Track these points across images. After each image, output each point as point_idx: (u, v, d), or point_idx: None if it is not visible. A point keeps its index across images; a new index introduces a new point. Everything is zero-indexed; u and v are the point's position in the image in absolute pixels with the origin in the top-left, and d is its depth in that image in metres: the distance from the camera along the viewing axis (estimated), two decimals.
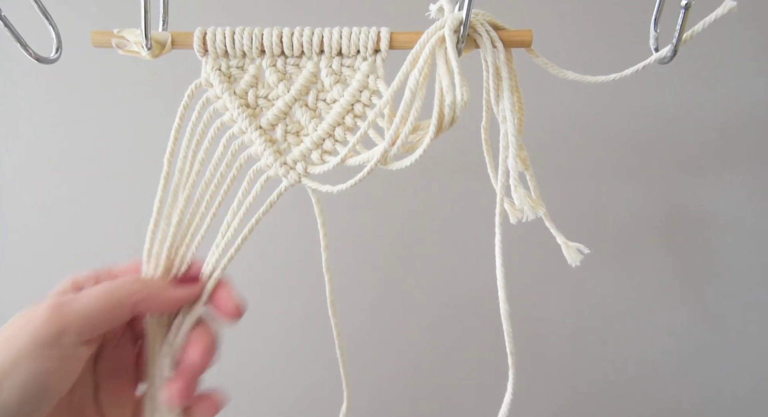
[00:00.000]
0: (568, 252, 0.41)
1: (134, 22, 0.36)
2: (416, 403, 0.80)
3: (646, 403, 0.80)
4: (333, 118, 0.38)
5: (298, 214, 0.60)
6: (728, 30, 0.71)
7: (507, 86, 0.37)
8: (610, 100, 0.72)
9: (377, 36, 0.36)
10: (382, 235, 0.76)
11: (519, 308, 0.43)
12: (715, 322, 0.78)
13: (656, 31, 0.36)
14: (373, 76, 0.37)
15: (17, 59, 0.68)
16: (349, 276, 0.76)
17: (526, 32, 0.37)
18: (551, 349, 0.79)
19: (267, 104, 0.38)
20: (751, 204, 0.75)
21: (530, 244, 0.73)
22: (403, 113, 0.35)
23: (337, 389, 0.49)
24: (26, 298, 0.75)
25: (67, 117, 0.71)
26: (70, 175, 0.72)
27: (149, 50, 0.36)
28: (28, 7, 0.35)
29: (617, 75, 0.37)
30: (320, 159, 0.38)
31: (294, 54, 0.37)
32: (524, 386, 0.40)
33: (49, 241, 0.74)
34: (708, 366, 0.79)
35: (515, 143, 0.38)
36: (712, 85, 0.72)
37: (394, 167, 0.37)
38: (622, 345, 0.79)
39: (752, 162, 0.74)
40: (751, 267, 0.76)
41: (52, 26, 0.37)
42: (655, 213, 0.75)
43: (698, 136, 0.73)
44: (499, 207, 0.38)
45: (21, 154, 0.72)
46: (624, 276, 0.77)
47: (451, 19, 0.35)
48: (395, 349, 0.78)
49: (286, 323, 0.77)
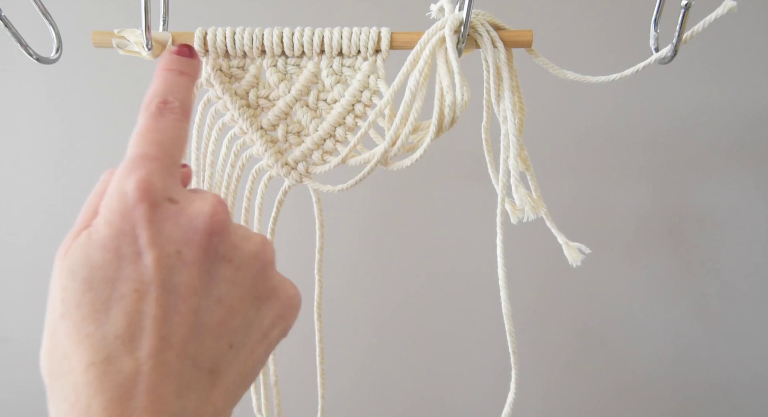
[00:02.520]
0: (569, 252, 0.41)
1: (135, 22, 0.36)
2: (417, 404, 0.80)
3: (646, 403, 0.80)
4: (334, 118, 0.38)
5: (296, 213, 0.60)
6: (734, 30, 0.71)
7: (508, 86, 0.37)
8: (613, 100, 0.72)
9: (378, 36, 0.36)
10: (382, 235, 0.76)
11: (519, 308, 0.43)
12: (715, 322, 0.78)
13: (656, 31, 0.36)
14: (374, 76, 0.37)
15: (17, 59, 0.68)
16: (348, 277, 0.76)
17: (527, 32, 0.37)
18: (551, 349, 0.79)
19: (268, 104, 0.38)
20: (755, 204, 0.75)
21: (531, 244, 0.73)
22: (403, 114, 0.35)
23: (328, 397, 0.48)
24: (26, 298, 0.76)
25: (67, 117, 0.71)
26: (71, 174, 0.72)
27: (150, 50, 0.36)
28: (28, 7, 0.35)
29: (618, 75, 0.37)
30: (321, 159, 0.38)
31: (294, 54, 0.37)
32: (524, 386, 0.40)
33: (50, 241, 0.74)
34: (708, 366, 0.79)
35: (516, 143, 0.38)
36: (719, 85, 0.72)
37: (395, 167, 0.37)
38: (622, 345, 0.79)
39: (755, 162, 0.74)
40: (754, 267, 0.76)
41: (52, 26, 0.37)
42: (655, 213, 0.75)
43: (702, 136, 0.74)
44: (500, 207, 0.38)
45: (21, 154, 0.72)
46: (624, 276, 0.77)
47: (452, 20, 0.35)
48: (396, 349, 0.78)
49: None
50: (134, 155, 0.27)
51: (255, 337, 0.27)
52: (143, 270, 0.24)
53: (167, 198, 0.26)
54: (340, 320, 0.74)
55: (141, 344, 0.23)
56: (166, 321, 0.24)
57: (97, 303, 0.24)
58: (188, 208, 0.26)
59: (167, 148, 0.28)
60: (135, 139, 0.28)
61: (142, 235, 0.25)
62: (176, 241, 0.25)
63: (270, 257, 0.28)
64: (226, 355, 0.26)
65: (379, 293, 0.77)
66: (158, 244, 0.24)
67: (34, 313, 0.75)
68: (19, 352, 0.76)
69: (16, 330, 0.75)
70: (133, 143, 0.28)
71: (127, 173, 0.26)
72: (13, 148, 0.71)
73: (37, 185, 0.72)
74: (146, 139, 0.28)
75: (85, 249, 0.25)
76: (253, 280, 0.27)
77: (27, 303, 0.75)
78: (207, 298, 0.25)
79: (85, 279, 0.24)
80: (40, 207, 0.73)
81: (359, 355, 0.78)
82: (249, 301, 0.27)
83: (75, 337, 0.24)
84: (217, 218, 0.26)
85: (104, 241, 0.25)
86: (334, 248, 0.70)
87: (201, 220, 0.25)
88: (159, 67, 0.32)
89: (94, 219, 0.26)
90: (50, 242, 0.73)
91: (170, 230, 0.25)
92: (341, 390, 0.73)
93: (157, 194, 0.25)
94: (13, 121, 0.71)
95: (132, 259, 0.24)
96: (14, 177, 0.72)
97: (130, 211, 0.25)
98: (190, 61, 0.33)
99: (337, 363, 0.70)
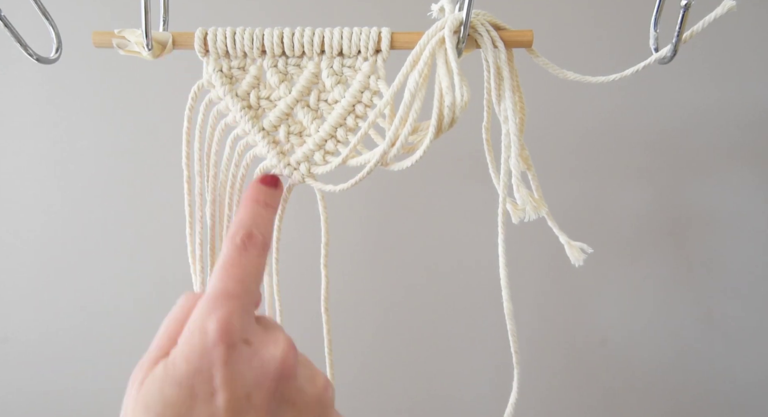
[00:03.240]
0: (570, 251, 0.41)
1: (135, 23, 0.36)
2: (418, 404, 0.80)
3: (646, 403, 0.80)
4: (335, 119, 0.38)
5: (299, 210, 0.60)
6: (734, 30, 0.71)
7: (508, 86, 0.37)
8: (613, 100, 0.72)
9: (378, 36, 0.36)
10: (382, 235, 0.76)
11: (520, 307, 0.43)
12: (715, 322, 0.78)
13: (656, 31, 0.36)
14: (374, 76, 0.37)
15: (17, 59, 0.68)
16: (349, 275, 0.76)
17: (527, 32, 0.37)
18: (551, 348, 0.79)
19: (269, 105, 0.38)
20: (755, 204, 0.75)
21: (531, 244, 0.73)
22: (402, 115, 0.35)
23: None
24: (27, 298, 0.76)
25: (67, 117, 0.71)
26: (71, 174, 0.72)
27: (150, 50, 0.36)
28: (28, 7, 0.35)
29: (618, 75, 0.37)
30: (323, 159, 0.38)
31: (295, 54, 0.37)
32: (524, 386, 0.40)
33: (50, 241, 0.74)
34: (708, 366, 0.79)
35: (517, 143, 0.38)
36: (719, 85, 0.72)
37: (395, 168, 0.37)
38: (622, 345, 0.79)
39: (755, 162, 0.74)
40: (754, 267, 0.76)
41: (52, 26, 0.37)
42: (655, 212, 0.75)
43: (702, 136, 0.74)
44: (501, 206, 0.38)
45: (21, 154, 0.72)
46: (624, 276, 0.77)
47: (452, 20, 0.35)
48: (396, 350, 0.78)
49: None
50: (217, 291, 0.28)
51: None
52: (215, 411, 0.25)
53: (244, 339, 0.27)
54: (343, 317, 0.74)
55: None
56: None
57: None
58: (261, 352, 0.27)
59: (247, 285, 0.29)
60: (219, 272, 0.30)
61: (218, 375, 0.26)
62: (248, 385, 0.26)
63: (330, 400, 0.30)
64: None
65: (381, 293, 0.77)
66: (231, 386, 0.26)
67: (34, 313, 0.75)
68: (19, 352, 0.76)
69: (16, 330, 0.75)
70: (217, 276, 0.29)
71: (210, 311, 0.27)
72: (13, 148, 0.71)
73: (37, 185, 0.72)
74: (229, 275, 0.29)
75: (161, 384, 0.26)
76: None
77: (27, 303, 0.75)
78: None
79: (158, 415, 0.25)
80: (40, 207, 0.73)
81: (362, 350, 0.78)
82: None
83: None
84: (287, 364, 0.27)
85: (181, 378, 0.26)
86: (337, 247, 0.70)
87: (272, 366, 0.27)
88: (246, 197, 0.34)
89: (172, 348, 0.27)
90: (50, 242, 0.73)
91: (243, 373, 0.26)
92: (346, 383, 0.73)
93: (235, 336, 0.27)
94: (13, 121, 0.71)
95: (205, 399, 0.25)
96: (14, 177, 0.72)
97: (209, 350, 0.26)
98: (274, 193, 0.36)
99: (341, 358, 0.70)
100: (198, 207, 0.39)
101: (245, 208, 0.34)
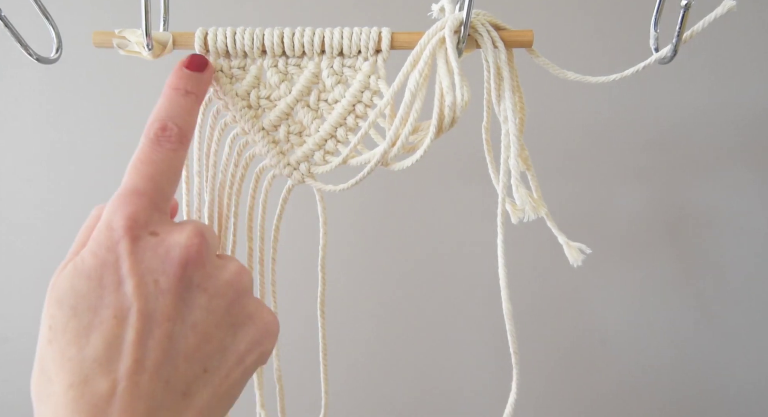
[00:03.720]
0: (569, 252, 0.41)
1: (135, 22, 0.36)
2: (418, 404, 0.80)
3: (646, 403, 0.80)
4: (335, 119, 0.38)
5: (296, 211, 0.60)
6: (734, 30, 0.71)
7: (508, 86, 0.37)
8: (613, 100, 0.72)
9: (378, 36, 0.36)
10: (382, 235, 0.76)
11: (520, 307, 0.43)
12: (715, 322, 0.78)
13: (656, 31, 0.36)
14: (375, 76, 0.37)
15: (17, 59, 0.68)
16: (348, 275, 0.76)
17: (527, 32, 0.37)
18: (550, 349, 0.79)
19: (269, 105, 0.38)
20: (755, 204, 0.75)
21: (531, 244, 0.73)
22: (402, 115, 0.35)
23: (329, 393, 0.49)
24: (26, 298, 0.76)
25: (67, 117, 0.71)
26: (71, 174, 0.72)
27: (150, 50, 0.36)
28: (28, 7, 0.35)
29: (618, 75, 0.37)
30: (323, 159, 0.38)
31: (295, 54, 0.37)
32: (523, 386, 0.40)
33: (49, 241, 0.74)
34: (709, 366, 0.79)
35: (517, 143, 0.38)
36: (719, 85, 0.72)
37: (395, 168, 0.37)
38: (622, 345, 0.79)
39: (755, 162, 0.74)
40: (754, 267, 0.76)
41: (52, 26, 0.37)
42: (655, 212, 0.75)
43: (702, 136, 0.74)
44: (501, 207, 0.38)
45: (21, 154, 0.72)
46: (624, 276, 0.77)
47: (452, 20, 0.35)
48: (396, 350, 0.78)
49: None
50: (124, 190, 0.29)
51: (230, 361, 0.28)
52: (123, 298, 0.26)
53: (150, 231, 0.28)
54: (341, 318, 0.74)
55: (117, 367, 0.25)
56: (141, 345, 0.25)
57: (79, 329, 0.25)
58: (166, 240, 0.28)
59: (158, 182, 0.29)
60: (130, 169, 0.30)
61: (124, 265, 0.26)
62: (154, 271, 0.27)
63: (245, 285, 0.30)
64: (200, 378, 0.27)
65: (380, 292, 0.77)
66: (137, 273, 0.26)
67: (34, 313, 0.75)
68: (19, 352, 0.76)
69: (16, 330, 0.75)
70: (128, 173, 0.30)
71: (116, 208, 0.28)
72: (13, 148, 0.71)
73: (37, 185, 0.72)
74: (139, 172, 0.29)
75: (71, 279, 0.27)
76: (227, 307, 0.28)
77: (27, 303, 0.74)
78: (182, 324, 0.27)
79: (70, 306, 0.26)
80: (40, 207, 0.73)
81: (360, 352, 0.78)
82: (224, 328, 0.28)
83: (59, 362, 0.25)
84: (192, 249, 0.28)
85: (89, 271, 0.26)
86: (336, 247, 0.70)
87: (177, 251, 0.27)
88: (166, 84, 0.33)
89: (82, 250, 0.28)
90: (50, 242, 0.73)
91: (149, 261, 0.27)
92: (343, 386, 0.73)
93: (140, 229, 0.27)
94: (13, 121, 0.71)
95: (113, 288, 0.26)
96: (14, 177, 0.72)
97: (114, 244, 0.27)
98: (198, 77, 0.34)
99: (338, 360, 0.70)
100: (196, 208, 0.39)
101: (162, 97, 0.33)
